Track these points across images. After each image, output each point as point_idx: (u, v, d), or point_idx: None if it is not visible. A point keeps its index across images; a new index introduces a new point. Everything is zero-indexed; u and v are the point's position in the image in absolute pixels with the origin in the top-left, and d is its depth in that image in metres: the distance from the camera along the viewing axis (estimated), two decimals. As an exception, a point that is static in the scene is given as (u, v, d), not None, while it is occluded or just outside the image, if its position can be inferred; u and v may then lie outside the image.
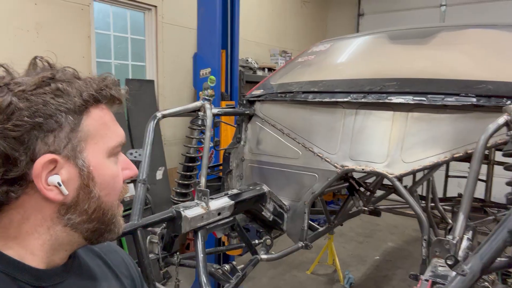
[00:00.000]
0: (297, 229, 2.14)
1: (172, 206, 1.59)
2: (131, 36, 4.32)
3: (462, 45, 2.13)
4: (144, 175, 1.59)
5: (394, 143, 1.85)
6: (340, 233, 4.93)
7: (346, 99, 1.94)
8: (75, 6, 3.56)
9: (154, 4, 4.33)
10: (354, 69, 2.19)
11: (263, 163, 2.24)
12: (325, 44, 2.61)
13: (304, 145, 2.09)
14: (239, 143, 2.31)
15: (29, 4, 3.22)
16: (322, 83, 2.10)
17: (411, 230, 5.17)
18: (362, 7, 7.25)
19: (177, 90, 4.63)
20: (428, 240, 1.71)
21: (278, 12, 6.36)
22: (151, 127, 1.71)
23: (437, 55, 2.08)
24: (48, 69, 0.62)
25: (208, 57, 3.62)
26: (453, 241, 1.12)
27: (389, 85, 1.86)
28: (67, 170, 0.60)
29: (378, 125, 1.90)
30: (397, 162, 1.83)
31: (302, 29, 7.00)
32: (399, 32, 2.45)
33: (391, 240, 4.99)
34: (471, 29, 2.28)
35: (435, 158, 1.75)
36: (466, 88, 1.70)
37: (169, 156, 4.40)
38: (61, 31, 3.44)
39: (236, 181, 2.30)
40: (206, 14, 3.56)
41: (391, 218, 5.53)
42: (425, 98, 1.74)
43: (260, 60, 5.62)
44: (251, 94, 2.33)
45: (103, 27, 4.03)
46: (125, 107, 2.92)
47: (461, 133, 1.72)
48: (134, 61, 4.37)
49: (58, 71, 0.62)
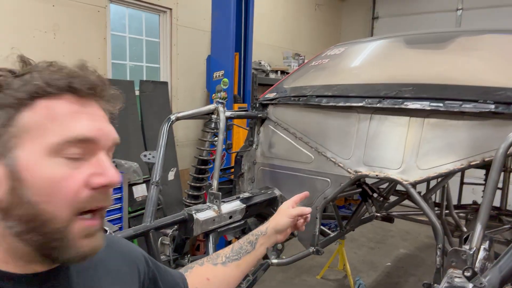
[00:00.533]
0: (309, 234, 2.12)
1: (184, 209, 1.59)
2: (146, 38, 4.36)
3: (480, 50, 2.09)
4: (157, 177, 1.60)
5: (409, 149, 1.82)
6: (351, 238, 4.88)
7: (361, 103, 1.91)
8: (91, 8, 3.62)
9: (169, 6, 4.37)
10: (369, 74, 2.17)
11: (275, 166, 2.23)
12: (340, 47, 2.59)
13: (317, 149, 2.07)
14: (251, 146, 2.31)
15: (46, 6, 3.28)
16: (336, 87, 2.08)
17: (424, 236, 5.09)
18: (376, 10, 7.19)
19: (190, 92, 4.66)
20: (442, 249, 1.68)
21: (292, 15, 6.35)
22: (165, 130, 1.72)
23: (455, 61, 2.04)
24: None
25: (221, 60, 3.63)
26: (470, 251, 1.10)
27: (405, 90, 1.83)
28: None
29: (393, 130, 1.88)
30: (412, 169, 1.80)
31: (316, 32, 6.97)
32: (415, 37, 2.42)
33: (404, 246, 4.92)
34: (489, 34, 2.24)
35: (451, 166, 1.72)
36: (485, 94, 1.66)
37: (181, 157, 4.43)
38: (77, 32, 3.50)
39: (247, 184, 2.30)
40: (220, 17, 3.58)
41: (403, 224, 5.45)
42: (442, 104, 1.71)
43: (273, 62, 5.62)
44: (264, 98, 2.33)
45: (118, 29, 4.08)
46: (138, 108, 2.93)
47: (479, 141, 1.68)
48: (148, 62, 4.42)
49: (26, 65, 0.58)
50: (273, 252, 2.13)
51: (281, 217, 1.11)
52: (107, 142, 0.59)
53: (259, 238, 1.08)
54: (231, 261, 1.02)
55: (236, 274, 1.03)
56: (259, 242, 1.07)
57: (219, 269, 1.01)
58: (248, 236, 1.09)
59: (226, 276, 1.01)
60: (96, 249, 0.59)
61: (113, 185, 0.58)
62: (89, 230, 0.57)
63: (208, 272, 1.00)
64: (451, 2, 6.34)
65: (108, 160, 0.59)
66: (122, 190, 3.30)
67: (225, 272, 1.01)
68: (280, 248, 2.15)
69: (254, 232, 1.10)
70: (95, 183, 0.56)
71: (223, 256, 1.03)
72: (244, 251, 1.04)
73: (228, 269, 1.01)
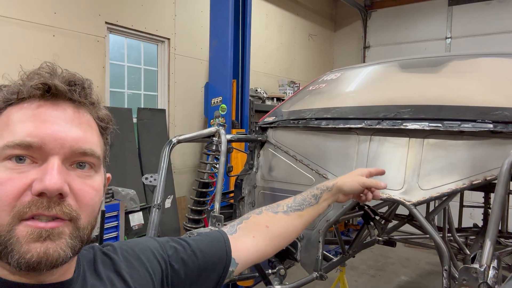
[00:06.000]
0: (312, 258, 2.08)
1: (186, 232, 1.56)
2: (144, 67, 4.44)
3: (474, 73, 2.14)
4: (159, 200, 1.57)
5: (410, 169, 1.82)
6: (352, 266, 4.79)
7: (360, 125, 1.93)
8: (91, 38, 3.69)
9: (167, 36, 4.48)
10: (367, 96, 2.21)
11: (276, 190, 2.22)
12: (336, 73, 2.65)
13: (318, 171, 2.07)
14: (252, 170, 2.30)
15: (47, 35, 3.34)
16: (335, 109, 2.11)
17: (425, 263, 5.01)
18: (368, 40, 7.41)
19: (187, 119, 4.70)
20: (449, 271, 1.65)
21: (287, 45, 6.52)
22: (166, 152, 1.71)
23: (450, 83, 2.09)
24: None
25: (219, 86, 3.69)
26: (480, 268, 1.08)
27: (403, 112, 1.86)
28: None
29: (393, 151, 1.89)
30: (414, 189, 1.80)
31: (310, 61, 7.15)
32: (409, 61, 2.48)
33: (404, 273, 4.83)
34: (482, 57, 2.31)
35: (453, 185, 1.72)
36: (482, 114, 1.69)
37: (178, 184, 4.39)
38: (77, 61, 3.55)
39: (248, 208, 2.27)
40: (218, 45, 3.66)
41: (403, 251, 5.38)
42: (441, 124, 1.73)
43: (269, 90, 5.71)
44: (263, 121, 2.34)
45: (117, 58, 4.15)
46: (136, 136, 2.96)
47: (479, 160, 1.69)
48: (146, 91, 4.47)
49: None
50: (276, 278, 2.08)
51: (351, 180, 1.08)
52: (57, 147, 0.55)
53: (324, 193, 1.06)
54: (293, 210, 0.99)
55: (297, 224, 0.99)
56: (323, 197, 1.05)
57: (281, 217, 0.97)
58: (312, 190, 1.06)
59: (288, 223, 0.97)
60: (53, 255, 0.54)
61: (49, 192, 0.53)
62: (39, 233, 0.53)
63: (267, 219, 0.96)
64: (440, 30, 6.57)
65: (55, 166, 0.54)
66: (119, 218, 3.25)
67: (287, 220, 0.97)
68: (283, 274, 2.11)
69: (320, 186, 1.08)
70: (33, 188, 0.53)
71: (284, 205, 1.00)
72: (307, 203, 1.02)
73: (289, 217, 0.98)
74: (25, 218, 0.53)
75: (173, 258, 0.79)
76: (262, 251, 0.92)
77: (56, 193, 0.54)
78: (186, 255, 0.81)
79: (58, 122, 0.56)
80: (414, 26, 6.80)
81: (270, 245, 0.93)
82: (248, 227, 0.93)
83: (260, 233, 0.92)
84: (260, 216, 0.97)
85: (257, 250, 0.91)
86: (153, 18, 4.29)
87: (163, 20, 4.40)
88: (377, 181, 1.10)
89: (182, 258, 0.80)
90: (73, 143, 0.57)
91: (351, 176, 1.11)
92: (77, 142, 0.57)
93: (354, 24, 7.54)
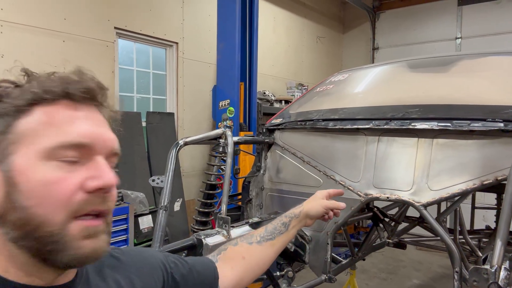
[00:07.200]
0: (320, 261, 2.06)
1: (193, 234, 1.56)
2: (153, 71, 4.47)
3: (484, 71, 2.11)
4: (166, 202, 1.58)
5: (419, 170, 1.79)
6: (362, 269, 4.74)
7: (368, 126, 1.91)
8: (100, 43, 3.73)
9: (175, 41, 4.51)
10: (375, 97, 2.19)
11: (284, 191, 2.21)
12: (343, 74, 2.63)
13: (326, 173, 2.05)
14: (259, 172, 2.29)
15: (58, 41, 3.40)
16: (343, 110, 2.09)
17: (437, 266, 4.93)
18: (376, 41, 7.37)
19: (196, 122, 4.72)
20: (460, 273, 1.62)
21: (295, 48, 6.52)
22: (173, 154, 1.72)
23: (459, 82, 2.06)
24: None
25: (227, 89, 3.70)
26: (491, 269, 1.06)
27: (412, 111, 1.84)
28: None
29: (402, 152, 1.86)
30: (424, 190, 1.77)
31: (318, 63, 7.13)
32: (418, 61, 2.45)
33: (416, 277, 4.75)
34: (491, 56, 2.27)
35: (464, 186, 1.69)
36: (492, 113, 1.66)
37: (187, 187, 4.41)
38: (87, 66, 3.54)
39: (256, 211, 2.26)
40: (226, 48, 3.68)
41: (415, 254, 5.30)
42: (450, 124, 1.71)
43: (277, 92, 5.71)
44: (270, 123, 2.34)
45: (126, 63, 4.19)
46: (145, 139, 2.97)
47: (490, 159, 1.66)
48: (155, 94, 4.50)
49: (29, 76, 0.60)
50: (284, 281, 2.06)
51: (316, 204, 1.17)
52: (103, 147, 0.59)
53: (292, 220, 1.13)
54: (266, 240, 1.05)
55: (270, 253, 1.05)
56: (291, 224, 1.12)
57: (255, 248, 1.03)
58: (281, 218, 1.13)
59: (262, 254, 1.03)
60: (99, 251, 0.57)
61: (108, 187, 0.57)
62: (89, 230, 0.56)
63: (243, 251, 1.01)
64: (450, 31, 6.50)
65: (105, 163, 0.58)
66: (128, 221, 3.26)
67: (261, 250, 1.03)
68: (291, 276, 2.09)
69: (288, 214, 1.15)
70: (90, 186, 0.55)
71: (257, 236, 1.05)
72: (278, 231, 1.08)
73: (263, 247, 1.04)
74: (78, 216, 0.55)
75: (175, 271, 0.83)
76: (240, 281, 0.98)
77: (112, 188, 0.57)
78: (186, 272, 0.85)
79: (98, 124, 0.60)
80: (424, 27, 6.74)
81: (246, 275, 1.00)
82: (226, 258, 0.98)
83: (238, 264, 0.98)
84: (236, 247, 1.03)
85: (235, 280, 0.96)
86: (162, 23, 4.33)
87: (171, 25, 4.44)
88: (336, 202, 1.22)
89: (182, 273, 0.84)
90: (112, 144, 0.60)
91: (314, 199, 1.21)
92: (113, 143, 0.61)
93: (363, 25, 7.51)
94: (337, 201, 1.24)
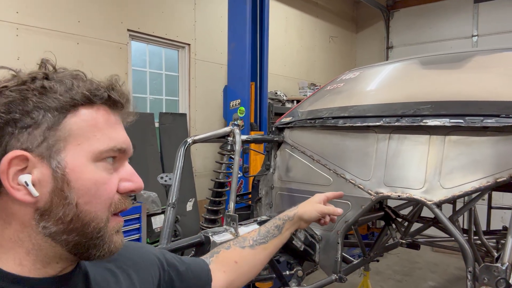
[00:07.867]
0: (330, 260, 2.04)
1: (201, 231, 1.56)
2: (166, 72, 4.52)
3: (498, 67, 2.05)
4: (173, 199, 1.59)
5: (431, 168, 1.76)
6: (377, 271, 4.67)
7: (379, 123, 1.89)
8: (113, 45, 3.79)
9: (187, 42, 4.55)
10: (386, 94, 2.16)
11: (293, 190, 2.19)
12: (354, 72, 2.60)
13: (336, 171, 2.03)
14: (268, 171, 2.29)
15: (71, 43, 3.46)
16: (353, 108, 2.07)
17: (453, 268, 4.82)
18: (390, 40, 7.28)
19: (207, 122, 4.74)
20: (473, 273, 1.57)
21: (307, 48, 6.49)
22: (181, 152, 1.73)
23: (473, 78, 2.01)
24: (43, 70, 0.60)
25: (238, 89, 3.71)
26: (502, 267, 1.02)
27: (423, 108, 1.80)
28: (39, 170, 0.54)
29: (413, 149, 1.83)
30: (436, 188, 1.73)
31: (331, 63, 7.08)
32: (430, 58, 2.41)
33: (432, 279, 4.66)
34: (505, 52, 2.21)
35: (477, 183, 1.64)
36: (507, 109, 1.62)
37: (199, 187, 4.43)
38: (100, 68, 3.66)
39: (265, 209, 2.25)
40: (236, 48, 3.69)
41: (430, 256, 5.20)
42: (463, 120, 1.67)
43: (289, 92, 5.69)
44: (280, 122, 2.33)
45: (139, 64, 4.25)
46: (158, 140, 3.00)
47: (504, 156, 1.61)
48: (168, 95, 4.55)
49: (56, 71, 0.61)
50: (294, 280, 2.05)
51: (310, 208, 1.14)
52: (130, 153, 0.64)
53: (286, 223, 1.11)
54: (259, 244, 1.05)
55: (262, 257, 1.05)
56: (285, 227, 1.10)
57: (247, 252, 1.03)
58: (275, 221, 1.12)
59: (254, 258, 1.03)
60: (122, 243, 0.63)
61: (139, 190, 0.64)
62: (119, 226, 0.62)
63: (236, 255, 1.01)
64: (466, 29, 6.37)
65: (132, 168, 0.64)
66: (141, 221, 3.30)
67: (253, 254, 1.03)
68: (301, 276, 2.08)
69: (281, 216, 1.13)
70: (124, 188, 0.61)
71: (250, 240, 1.05)
72: (271, 235, 1.08)
73: (256, 251, 1.03)
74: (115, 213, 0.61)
75: (171, 268, 0.84)
76: (230, 285, 0.98)
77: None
78: (182, 271, 0.86)
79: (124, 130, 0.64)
80: (439, 25, 6.62)
81: (238, 279, 1.00)
82: (219, 261, 0.99)
83: (230, 268, 0.98)
84: (229, 251, 1.03)
85: (226, 284, 0.97)
86: (174, 25, 4.37)
87: (183, 26, 4.48)
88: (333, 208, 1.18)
89: (178, 270, 0.85)
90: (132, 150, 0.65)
91: (310, 203, 1.17)
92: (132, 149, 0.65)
93: (376, 24, 7.43)
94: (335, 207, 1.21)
